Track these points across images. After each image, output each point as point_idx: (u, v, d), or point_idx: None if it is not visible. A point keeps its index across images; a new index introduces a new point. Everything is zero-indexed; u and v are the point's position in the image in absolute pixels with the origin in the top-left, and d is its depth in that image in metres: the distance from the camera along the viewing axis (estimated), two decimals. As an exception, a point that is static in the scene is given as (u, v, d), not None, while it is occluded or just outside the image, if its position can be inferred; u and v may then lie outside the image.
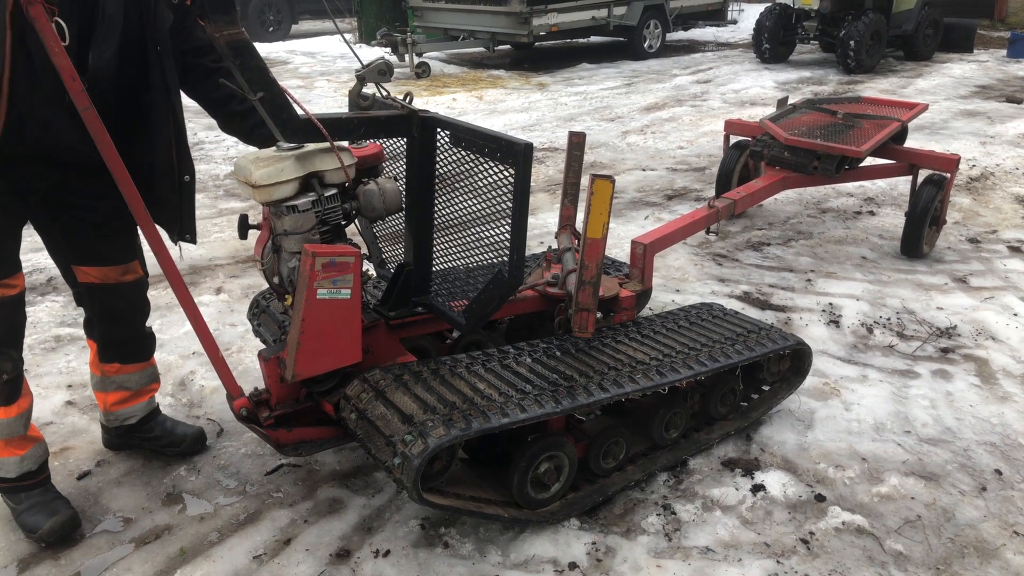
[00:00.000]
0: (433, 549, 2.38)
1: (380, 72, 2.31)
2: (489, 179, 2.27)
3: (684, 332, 2.89)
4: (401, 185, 2.50)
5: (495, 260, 2.34)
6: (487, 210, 2.32)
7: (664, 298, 4.07)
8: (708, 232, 4.05)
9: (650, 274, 3.37)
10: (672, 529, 2.48)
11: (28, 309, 3.91)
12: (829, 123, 4.81)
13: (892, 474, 2.71)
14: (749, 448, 2.88)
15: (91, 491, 2.64)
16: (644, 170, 6.46)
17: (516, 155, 2.14)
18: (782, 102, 5.18)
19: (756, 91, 9.56)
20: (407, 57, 11.05)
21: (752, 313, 3.90)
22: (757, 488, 2.66)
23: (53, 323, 3.82)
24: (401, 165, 2.53)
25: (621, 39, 12.72)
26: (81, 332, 3.70)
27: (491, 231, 2.32)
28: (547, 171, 6.47)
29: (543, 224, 5.19)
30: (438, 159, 2.43)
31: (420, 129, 2.39)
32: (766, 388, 3.12)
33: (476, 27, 11.54)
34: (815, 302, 4.03)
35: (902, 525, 2.49)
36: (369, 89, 2.37)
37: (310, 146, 2.26)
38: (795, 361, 3.11)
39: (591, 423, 2.72)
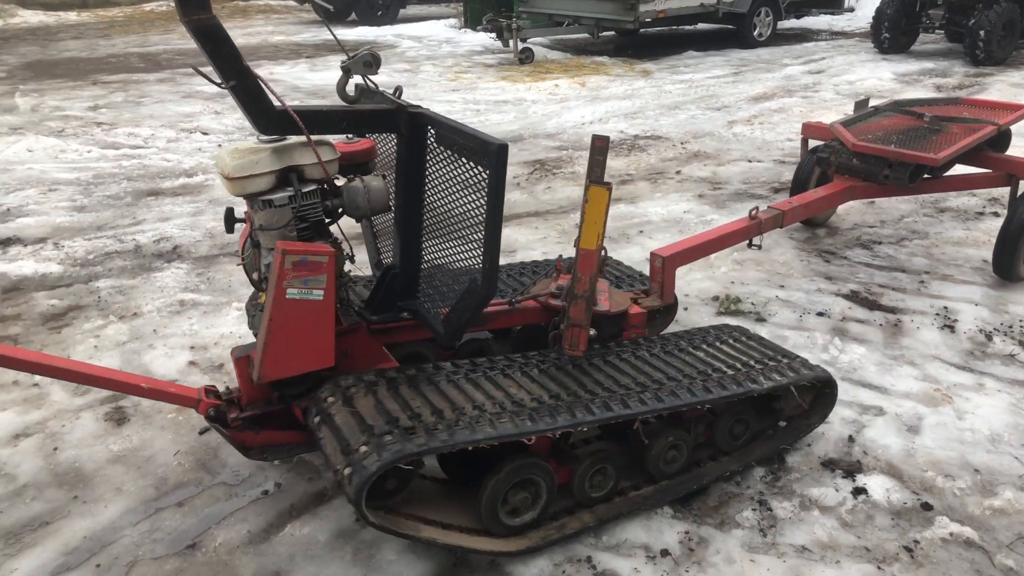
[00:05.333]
0: (527, 525, 2.44)
1: (366, 64, 2.20)
2: (467, 180, 2.14)
3: (693, 355, 2.66)
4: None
5: (478, 267, 2.18)
6: (470, 213, 2.16)
7: (767, 293, 3.98)
8: (751, 245, 3.64)
9: (670, 289, 3.13)
10: (767, 525, 2.45)
11: (156, 275, 4.22)
12: (911, 127, 4.37)
13: (1007, 488, 2.59)
14: (851, 449, 2.80)
15: (211, 446, 2.82)
16: (750, 161, 6.31)
17: (489, 155, 1.99)
18: (861, 104, 4.81)
19: (872, 83, 9.13)
20: (511, 43, 11.11)
21: (860, 313, 3.77)
22: (859, 491, 2.58)
23: (178, 288, 4.08)
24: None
25: (730, 27, 12.38)
26: (203, 297, 3.96)
27: (475, 235, 2.16)
28: (649, 159, 6.41)
29: (643, 212, 5.16)
30: (428, 157, 2.29)
31: (409, 125, 2.25)
32: (783, 423, 2.83)
33: (581, 13, 11.48)
34: (928, 305, 3.86)
35: (1015, 540, 2.38)
36: (357, 81, 2.25)
37: (292, 139, 2.16)
38: (819, 395, 2.81)
39: (585, 447, 2.51)
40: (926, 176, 4.16)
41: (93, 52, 12.03)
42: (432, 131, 2.24)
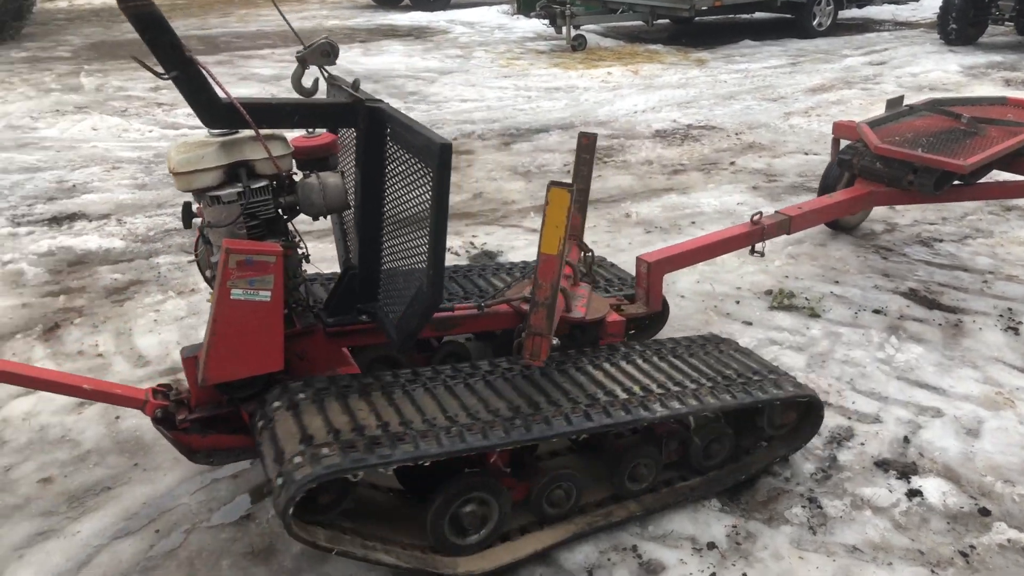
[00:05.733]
0: (573, 512, 2.45)
1: (323, 54, 2.09)
2: (416, 179, 2.04)
3: (668, 367, 2.51)
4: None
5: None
6: (420, 215, 2.06)
7: (822, 288, 3.91)
8: (752, 252, 3.38)
9: (656, 296, 2.97)
10: (818, 523, 2.41)
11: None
12: (945, 129, 4.06)
13: (1070, 496, 2.51)
14: (906, 451, 2.74)
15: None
16: (806, 154, 6.17)
17: (432, 154, 1.88)
18: (894, 102, 4.50)
19: (937, 75, 8.85)
20: (564, 29, 11.03)
21: (918, 312, 3.68)
22: (913, 493, 2.53)
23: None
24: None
25: (788, 16, 12.09)
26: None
27: (425, 238, 2.05)
28: (702, 150, 6.32)
29: (695, 203, 5.09)
30: (387, 154, 2.18)
31: (368, 120, 2.13)
32: (764, 444, 2.67)
33: (636, 0, 11.34)
34: (992, 306, 3.74)
35: (1078, 551, 2.31)
36: (313, 73, 2.15)
37: (242, 133, 2.08)
38: (804, 414, 2.64)
39: (549, 461, 2.43)
40: (956, 183, 3.85)
41: (154, 34, 12.32)
42: (389, 127, 2.14)
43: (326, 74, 2.18)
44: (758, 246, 3.39)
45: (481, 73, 9.45)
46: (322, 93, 2.29)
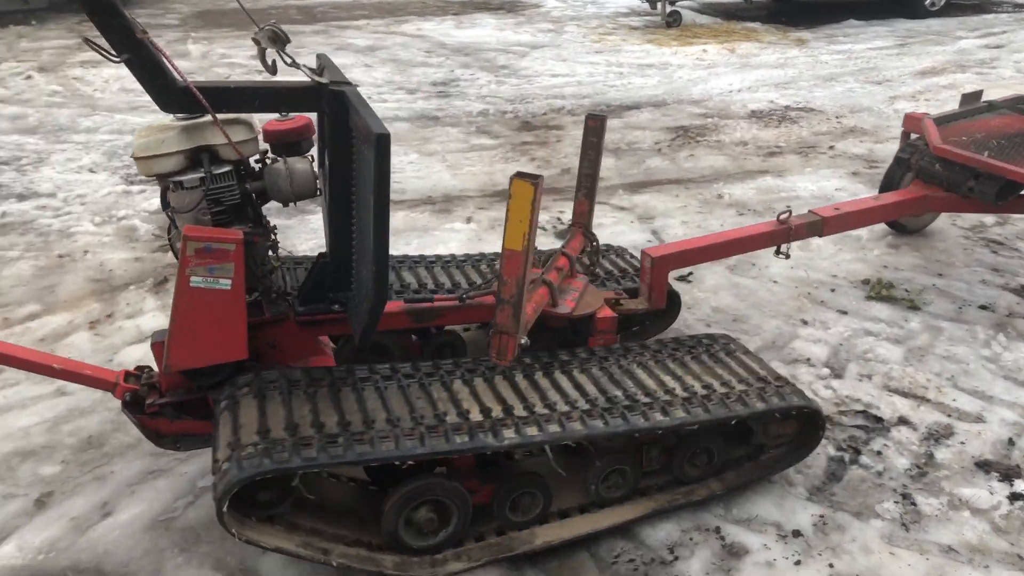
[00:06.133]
0: (656, 489, 2.45)
1: (271, 38, 2.02)
2: (363, 168, 1.96)
3: (657, 370, 2.37)
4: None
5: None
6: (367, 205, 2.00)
7: (923, 280, 3.75)
8: (777, 253, 3.10)
9: (660, 292, 2.79)
10: (911, 520, 2.34)
11: (308, 218, 4.43)
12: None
13: None
14: (1010, 453, 2.62)
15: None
16: (912, 140, 5.90)
17: (370, 143, 1.80)
18: (970, 96, 4.08)
19: (1061, 60, 8.27)
20: (659, 5, 10.80)
21: (1029, 310, 3.49)
22: (1016, 496, 2.42)
23: (329, 231, 4.31)
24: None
25: (898, -6, 11.49)
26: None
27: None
28: (800, 132, 6.11)
29: (791, 187, 4.95)
30: (353, 139, 2.08)
31: (333, 104, 2.04)
32: (764, 455, 2.50)
33: (736, -24, 10.98)
34: (1112, 307, 3.52)
35: None
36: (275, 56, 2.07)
37: (207, 117, 2.04)
38: (803, 427, 2.46)
39: (524, 462, 2.32)
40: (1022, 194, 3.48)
41: (256, 3, 12.67)
42: (350, 112, 2.05)
43: (287, 59, 2.05)
44: (783, 247, 3.11)
45: (572, 48, 9.37)
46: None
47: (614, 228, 4.34)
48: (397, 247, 4.10)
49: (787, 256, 3.11)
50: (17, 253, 4.01)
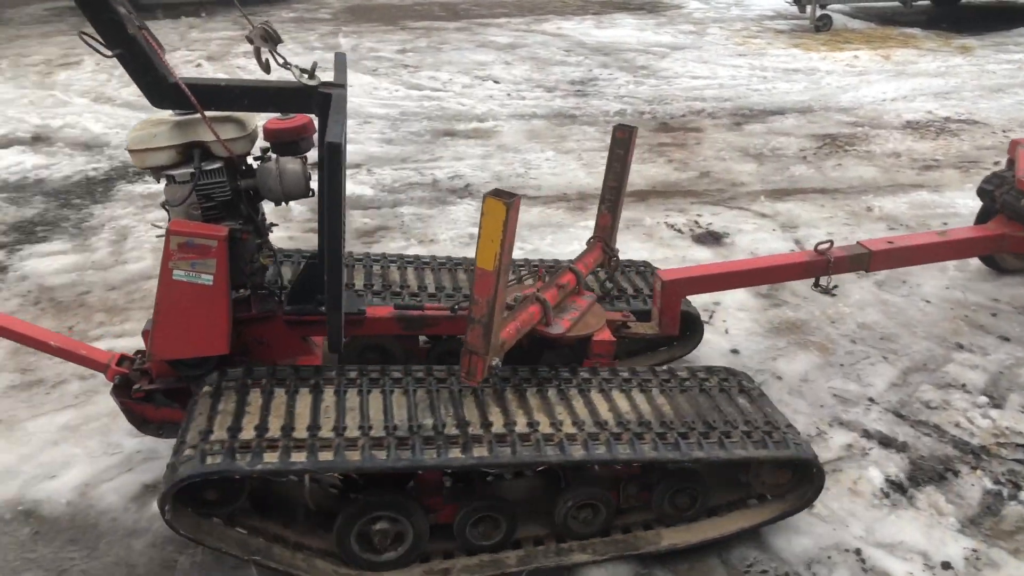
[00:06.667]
0: (792, 503, 2.38)
1: (263, 37, 2.02)
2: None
3: (646, 400, 2.21)
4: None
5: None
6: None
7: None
8: (816, 286, 2.83)
9: (671, 318, 2.63)
10: (1077, 565, 2.18)
11: (450, 208, 4.60)
12: None
13: None
14: None
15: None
16: (1091, 159, 5.41)
17: (322, 152, 1.77)
18: None
19: None
20: (808, 8, 10.39)
21: None
22: None
23: (468, 223, 4.44)
24: None
25: (1081, 0, 10.53)
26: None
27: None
28: (960, 145, 5.73)
29: (948, 203, 4.66)
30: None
31: (323, 106, 2.05)
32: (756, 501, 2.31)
33: (894, -22, 10.40)
34: None
35: None
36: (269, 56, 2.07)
37: (213, 114, 2.06)
38: (797, 477, 2.25)
39: (500, 484, 2.22)
40: None
41: (402, 0, 13.15)
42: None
43: (280, 59, 2.05)
44: (823, 280, 2.81)
45: (714, 50, 9.17)
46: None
47: (755, 235, 4.24)
48: (531, 241, 4.18)
49: (826, 291, 2.78)
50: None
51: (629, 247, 4.09)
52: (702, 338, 3.00)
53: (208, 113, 2.05)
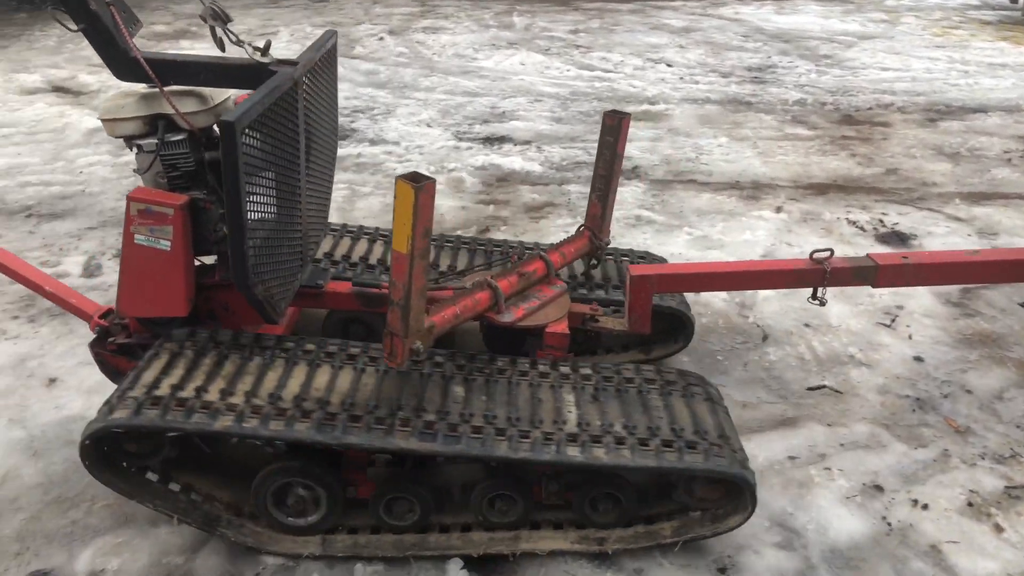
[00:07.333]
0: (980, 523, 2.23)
1: (213, 16, 2.08)
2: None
3: (566, 398, 2.12)
4: None
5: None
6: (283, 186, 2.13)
7: None
8: (813, 298, 2.52)
9: (640, 315, 2.46)
10: None
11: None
12: None
13: None
14: None
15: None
16: None
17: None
18: None
19: None
20: (1022, -3, 9.42)
21: None
22: None
23: (635, 204, 4.41)
24: None
25: None
26: (657, 216, 4.22)
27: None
28: None
29: None
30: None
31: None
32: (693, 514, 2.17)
33: None
34: None
35: None
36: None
37: (179, 88, 2.17)
38: (730, 495, 2.11)
39: (430, 468, 2.22)
40: None
41: (575, -19, 13.14)
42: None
43: (232, 37, 2.15)
44: (820, 292, 2.53)
45: (908, 41, 8.52)
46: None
47: (947, 239, 3.94)
48: (700, 228, 4.09)
49: (821, 303, 2.52)
50: (368, 189, 4.62)
51: (806, 241, 3.92)
52: (691, 340, 2.86)
53: (173, 88, 2.17)
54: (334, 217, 4.22)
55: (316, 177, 2.49)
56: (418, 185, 1.78)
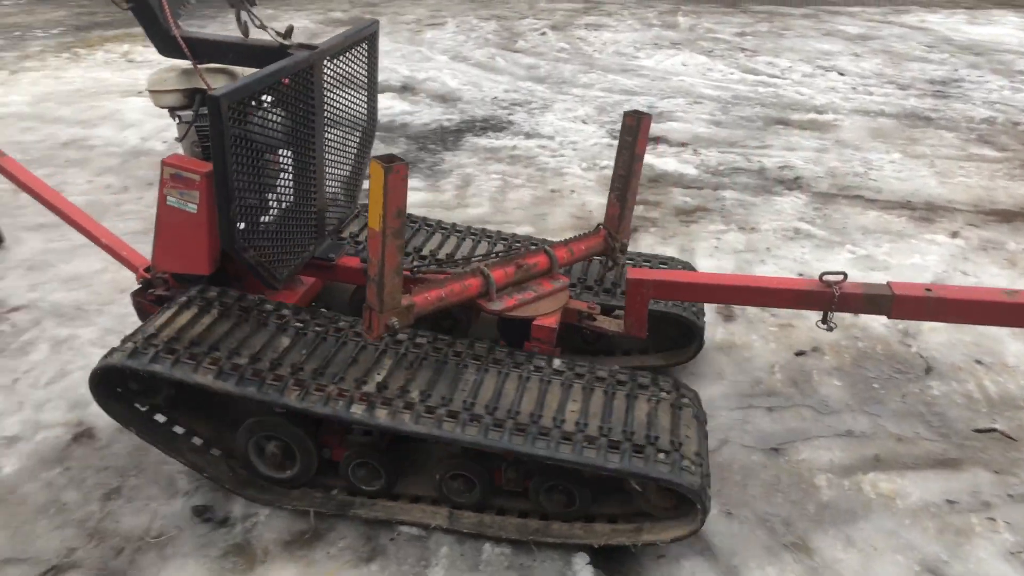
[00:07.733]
0: None
1: (238, 0, 2.30)
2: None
3: (537, 390, 2.14)
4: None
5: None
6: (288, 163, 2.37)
7: None
8: (824, 322, 2.35)
9: (636, 319, 2.46)
10: None
11: (775, 199, 4.39)
12: None
13: None
14: None
15: (805, 369, 2.92)
16: None
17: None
18: None
19: None
20: None
21: None
22: None
23: (795, 216, 4.21)
24: None
25: None
26: (818, 231, 4.01)
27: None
28: None
29: None
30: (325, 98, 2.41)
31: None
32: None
33: None
34: None
35: None
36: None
37: (214, 66, 2.42)
38: (681, 505, 2.08)
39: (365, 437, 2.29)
40: None
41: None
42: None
43: (257, 21, 2.38)
44: (830, 316, 2.36)
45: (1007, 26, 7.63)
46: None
47: None
48: (864, 247, 3.86)
49: (830, 329, 2.36)
50: (520, 181, 4.68)
51: (985, 271, 3.61)
52: (701, 349, 2.83)
53: (209, 65, 2.42)
54: (486, 207, 4.33)
55: (338, 157, 2.68)
56: (388, 166, 1.85)
